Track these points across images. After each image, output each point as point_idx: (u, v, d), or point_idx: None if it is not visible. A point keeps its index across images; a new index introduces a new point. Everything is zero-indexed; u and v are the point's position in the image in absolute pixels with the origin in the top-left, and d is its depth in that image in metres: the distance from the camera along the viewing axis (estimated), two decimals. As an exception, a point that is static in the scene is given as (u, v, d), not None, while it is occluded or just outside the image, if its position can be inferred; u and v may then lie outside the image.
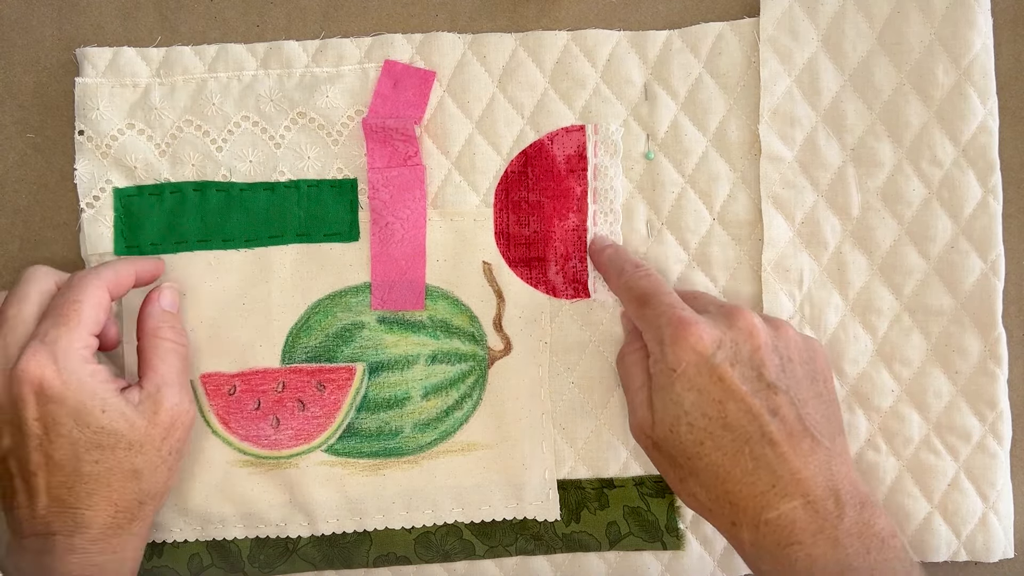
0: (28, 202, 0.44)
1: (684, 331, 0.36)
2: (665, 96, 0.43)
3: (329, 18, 0.44)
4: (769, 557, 0.35)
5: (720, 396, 0.36)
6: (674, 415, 0.36)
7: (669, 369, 0.36)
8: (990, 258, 0.42)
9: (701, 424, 0.36)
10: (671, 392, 0.36)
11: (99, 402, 0.36)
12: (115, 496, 0.37)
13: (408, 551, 0.44)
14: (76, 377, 0.36)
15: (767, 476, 0.35)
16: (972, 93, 0.42)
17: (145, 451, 0.38)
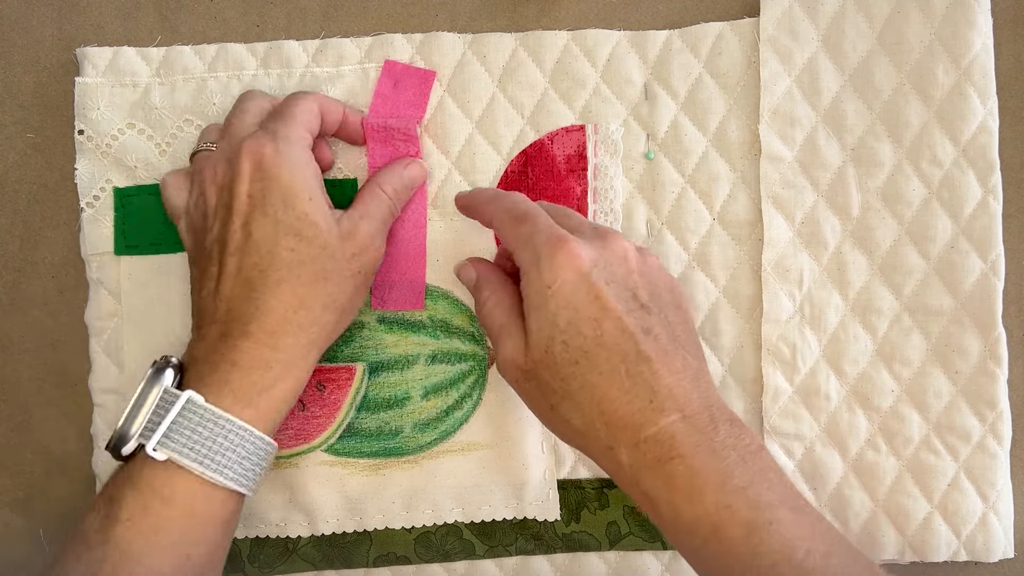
0: (28, 202, 0.44)
1: (561, 248, 0.36)
2: (665, 96, 0.43)
3: (329, 18, 0.44)
4: (650, 475, 0.34)
5: (595, 314, 0.35)
6: (548, 335, 0.35)
7: (544, 287, 0.36)
8: (990, 258, 0.42)
9: (576, 343, 0.35)
10: (545, 311, 0.36)
11: (308, 190, 0.38)
12: (302, 291, 0.37)
13: (408, 551, 0.44)
14: (292, 158, 0.38)
15: (644, 393, 0.35)
16: (972, 93, 0.42)
17: (336, 258, 0.38)
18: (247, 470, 0.36)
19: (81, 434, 0.44)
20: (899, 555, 0.44)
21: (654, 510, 0.35)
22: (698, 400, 0.35)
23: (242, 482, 0.36)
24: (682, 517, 0.34)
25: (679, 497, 0.34)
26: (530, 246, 0.37)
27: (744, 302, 0.43)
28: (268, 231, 0.37)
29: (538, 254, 0.36)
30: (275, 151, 0.37)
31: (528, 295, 0.36)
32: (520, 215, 0.38)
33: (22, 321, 0.44)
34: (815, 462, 0.43)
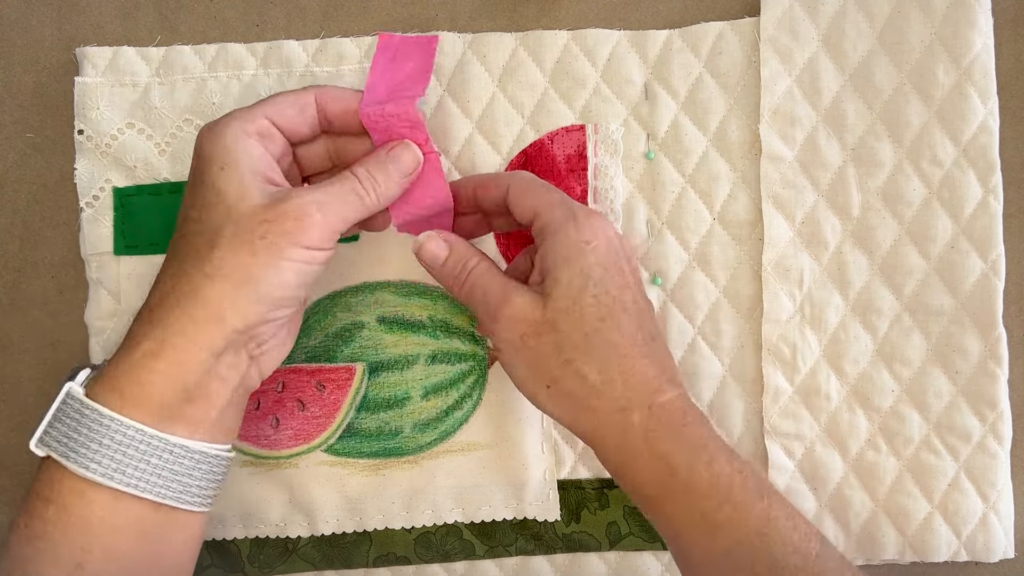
0: (28, 201, 0.44)
1: (595, 214, 0.37)
2: (665, 96, 0.43)
3: (329, 17, 0.44)
4: (666, 436, 0.35)
5: (622, 282, 0.37)
6: (580, 286, 0.36)
7: (582, 240, 0.36)
8: (990, 258, 0.42)
9: (605, 300, 0.36)
10: (581, 262, 0.36)
11: (220, 159, 0.35)
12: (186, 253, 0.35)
13: (408, 551, 0.44)
14: (220, 133, 0.35)
15: (656, 363, 0.36)
16: (973, 93, 0.42)
17: (238, 223, 0.34)
18: (125, 464, 0.33)
19: (81, 434, 0.44)
20: (899, 555, 0.43)
21: (669, 472, 0.35)
22: (683, 385, 0.38)
23: (123, 480, 0.33)
24: (700, 478, 0.35)
25: (698, 459, 0.35)
26: (565, 206, 0.37)
27: (744, 302, 0.43)
28: (184, 204, 0.36)
29: (575, 213, 0.37)
30: (208, 129, 0.36)
31: (559, 249, 0.36)
32: (547, 184, 0.39)
33: (22, 321, 0.44)
34: (815, 462, 0.43)
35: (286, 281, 0.34)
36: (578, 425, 0.37)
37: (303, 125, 0.37)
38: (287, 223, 0.34)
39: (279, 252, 0.34)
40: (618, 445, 0.36)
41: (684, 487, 0.35)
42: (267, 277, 0.34)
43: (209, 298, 0.34)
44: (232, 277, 0.34)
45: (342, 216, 0.36)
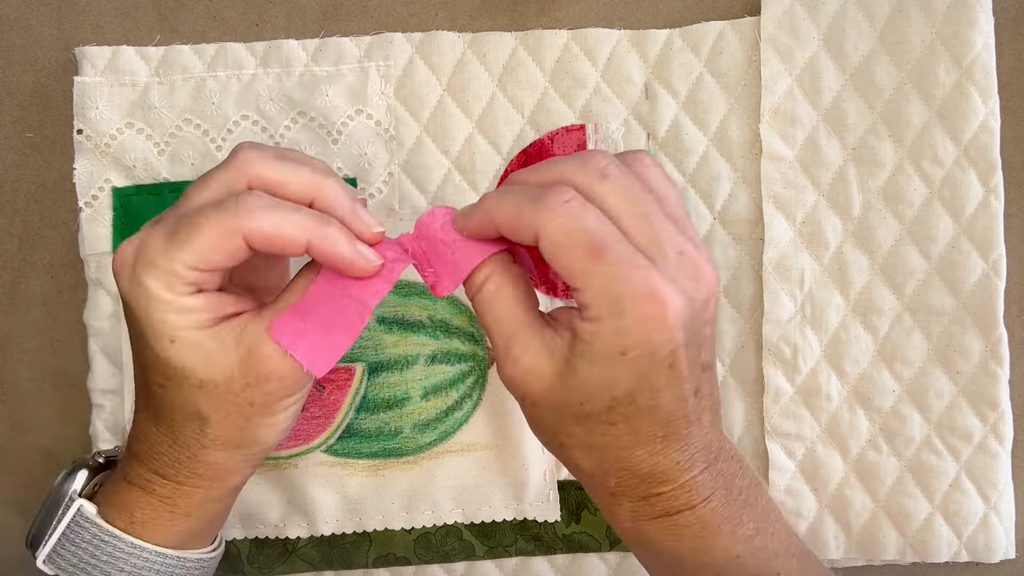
0: (27, 201, 0.44)
1: (659, 308, 0.29)
2: (666, 95, 0.43)
3: (328, 17, 0.44)
4: (654, 526, 0.32)
5: (661, 385, 0.30)
6: (593, 393, 0.30)
7: (617, 351, 0.29)
8: (991, 258, 0.42)
9: (622, 409, 0.30)
10: (606, 374, 0.29)
11: (169, 331, 0.31)
12: (176, 429, 0.33)
13: (408, 552, 0.44)
14: (146, 296, 0.31)
15: (674, 455, 0.31)
16: (973, 92, 0.42)
17: (216, 394, 0.32)
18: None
19: (79, 434, 0.44)
20: (900, 556, 0.43)
21: (654, 558, 0.33)
22: (717, 445, 0.32)
23: None
24: (685, 568, 0.32)
25: (685, 548, 0.32)
26: (611, 291, 0.29)
27: (745, 302, 0.43)
28: (138, 363, 0.33)
29: (622, 308, 0.29)
30: (129, 278, 0.31)
31: (588, 342, 0.30)
32: (593, 245, 0.29)
33: (21, 321, 0.44)
34: (816, 462, 0.43)
35: (282, 428, 0.34)
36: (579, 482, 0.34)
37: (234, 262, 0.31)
38: (270, 384, 0.32)
39: (270, 410, 0.33)
40: (608, 517, 0.33)
41: (671, 572, 0.32)
42: (266, 434, 0.34)
43: (215, 462, 0.34)
44: (230, 443, 0.33)
45: None
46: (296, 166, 0.32)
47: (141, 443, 0.34)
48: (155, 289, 0.31)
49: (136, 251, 0.31)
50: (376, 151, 0.43)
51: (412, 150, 0.43)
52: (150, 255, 0.31)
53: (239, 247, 0.31)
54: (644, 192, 0.30)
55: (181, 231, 0.31)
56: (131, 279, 0.31)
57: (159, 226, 0.31)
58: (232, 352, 0.32)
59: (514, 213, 0.30)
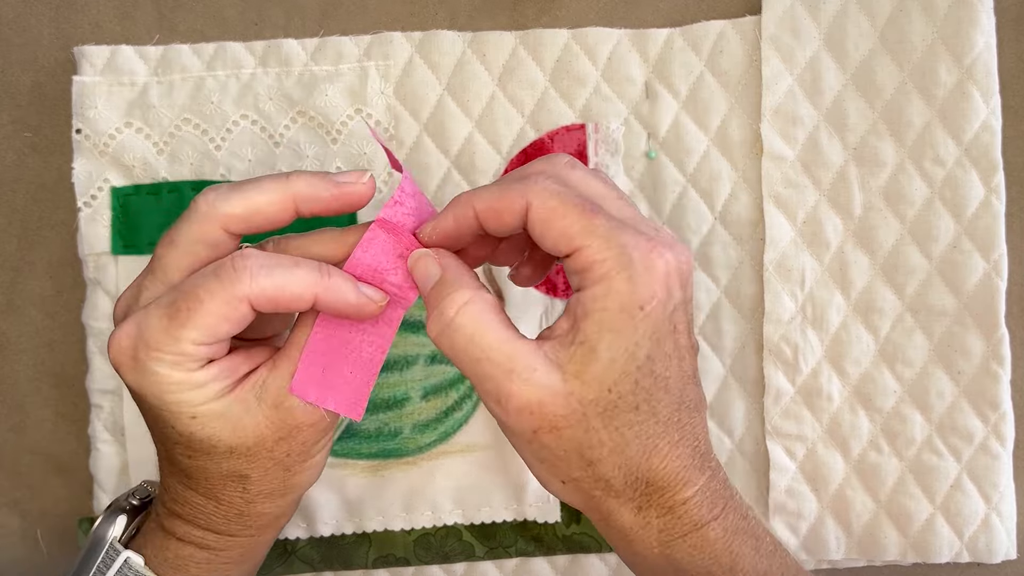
0: (25, 201, 0.44)
1: (658, 252, 0.28)
2: (666, 95, 0.43)
3: (328, 16, 0.43)
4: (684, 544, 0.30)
5: (671, 348, 0.29)
6: (623, 368, 0.28)
7: (636, 305, 0.27)
8: (993, 258, 0.42)
9: (647, 383, 0.28)
10: (632, 337, 0.28)
11: (188, 409, 0.30)
12: (216, 491, 0.32)
13: (407, 552, 0.44)
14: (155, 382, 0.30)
15: (689, 447, 0.30)
16: (975, 92, 0.42)
17: (252, 455, 0.31)
18: None
19: (78, 435, 0.44)
20: (901, 556, 0.43)
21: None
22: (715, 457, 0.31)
23: None
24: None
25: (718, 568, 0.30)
26: (615, 241, 0.28)
27: (746, 302, 0.43)
28: (158, 438, 0.32)
29: (630, 256, 0.28)
30: (132, 367, 0.30)
31: (605, 314, 0.28)
32: (584, 202, 0.29)
33: (19, 321, 0.44)
34: (817, 463, 0.43)
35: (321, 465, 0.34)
36: (590, 512, 0.31)
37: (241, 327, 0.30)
38: (303, 433, 0.31)
39: (307, 454, 0.32)
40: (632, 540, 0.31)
41: None
42: (308, 477, 0.34)
43: (263, 512, 0.33)
44: (275, 493, 0.33)
45: None
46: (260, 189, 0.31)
47: (181, 505, 0.33)
48: (165, 373, 0.30)
49: (135, 338, 0.30)
50: (376, 151, 0.43)
51: (412, 149, 0.43)
52: (152, 339, 0.29)
53: (245, 314, 0.30)
54: (608, 181, 0.31)
55: (181, 309, 0.29)
56: (135, 369, 0.30)
57: (153, 307, 0.30)
58: (257, 412, 0.31)
59: (498, 194, 0.30)
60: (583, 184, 0.30)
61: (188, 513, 0.33)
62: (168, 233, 0.31)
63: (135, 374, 0.30)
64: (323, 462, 0.34)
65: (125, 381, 0.30)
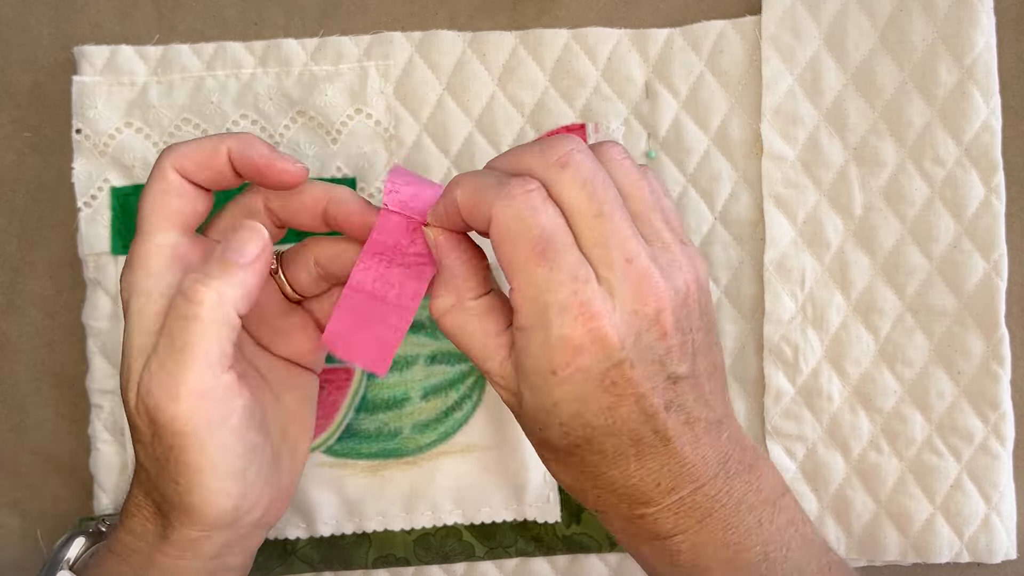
0: (25, 201, 0.44)
1: (586, 325, 0.27)
2: (666, 94, 0.43)
3: (328, 16, 0.43)
4: (646, 547, 0.31)
5: (610, 403, 0.28)
6: (543, 420, 0.29)
7: (548, 370, 0.28)
8: (993, 258, 0.42)
9: (578, 432, 0.29)
10: (546, 396, 0.28)
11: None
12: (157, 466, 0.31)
13: (407, 552, 0.44)
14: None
15: (652, 476, 0.29)
16: (975, 92, 0.42)
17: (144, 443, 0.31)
18: None
19: (78, 435, 0.44)
20: (901, 556, 0.43)
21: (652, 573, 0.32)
22: (715, 462, 0.30)
23: None
24: None
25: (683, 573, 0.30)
26: (541, 301, 0.28)
27: (746, 302, 0.43)
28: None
29: (547, 316, 0.28)
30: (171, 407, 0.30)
31: (524, 361, 0.29)
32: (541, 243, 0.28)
33: (19, 321, 0.44)
34: (817, 463, 0.43)
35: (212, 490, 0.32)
36: None
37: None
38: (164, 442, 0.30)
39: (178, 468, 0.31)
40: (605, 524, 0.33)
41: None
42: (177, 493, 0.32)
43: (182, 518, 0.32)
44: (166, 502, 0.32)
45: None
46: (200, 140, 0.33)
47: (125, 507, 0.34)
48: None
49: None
50: (376, 150, 0.43)
51: (412, 149, 0.43)
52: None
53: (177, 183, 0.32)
54: (604, 187, 0.29)
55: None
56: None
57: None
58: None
59: (474, 195, 0.29)
60: (569, 191, 0.29)
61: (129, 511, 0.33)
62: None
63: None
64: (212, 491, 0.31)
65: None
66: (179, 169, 0.32)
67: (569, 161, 0.29)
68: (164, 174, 0.32)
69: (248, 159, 0.32)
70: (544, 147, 0.30)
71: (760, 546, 0.30)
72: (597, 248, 0.28)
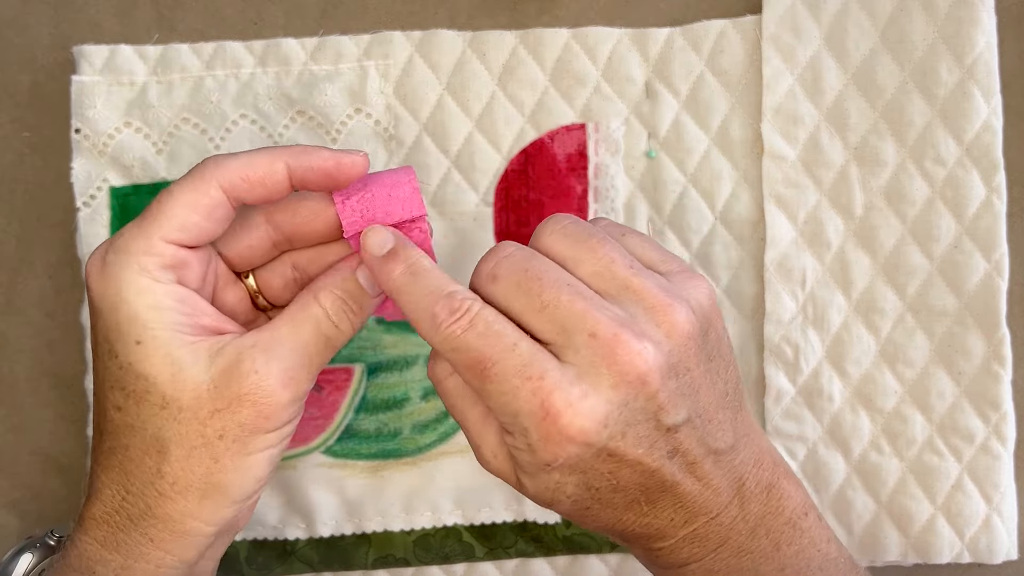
0: (24, 201, 0.44)
1: (555, 426, 0.27)
2: (667, 94, 0.43)
3: (327, 15, 0.43)
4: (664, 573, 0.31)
5: (611, 468, 0.28)
6: (551, 497, 0.29)
7: (541, 463, 0.28)
8: (994, 258, 0.42)
9: (585, 497, 0.29)
10: (547, 480, 0.28)
11: (135, 329, 0.28)
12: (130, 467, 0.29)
13: (407, 553, 0.44)
14: (118, 282, 0.28)
15: (665, 515, 0.30)
16: (976, 91, 0.42)
17: (181, 420, 0.28)
18: None
19: (77, 435, 0.44)
20: (902, 557, 0.43)
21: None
22: (727, 490, 0.30)
23: None
24: None
25: None
26: (509, 412, 0.28)
27: (746, 302, 0.43)
28: (98, 382, 0.30)
29: (521, 422, 0.27)
30: (99, 271, 0.29)
31: (519, 459, 0.29)
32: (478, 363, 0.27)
33: (18, 321, 0.44)
34: (818, 463, 0.43)
35: (258, 474, 0.30)
36: None
37: (216, 226, 0.30)
38: (243, 410, 0.28)
39: (243, 447, 0.29)
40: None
41: None
42: (235, 481, 0.29)
43: (169, 516, 0.29)
44: (192, 490, 0.29)
45: (310, 373, 0.30)
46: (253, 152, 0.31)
47: (89, 505, 0.30)
48: (130, 277, 0.28)
49: (107, 245, 0.29)
50: (375, 150, 0.43)
51: (412, 149, 0.43)
52: (122, 242, 0.29)
53: (216, 200, 0.29)
54: (539, 278, 0.28)
55: (152, 209, 0.29)
56: (102, 274, 0.29)
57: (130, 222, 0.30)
58: (204, 368, 0.29)
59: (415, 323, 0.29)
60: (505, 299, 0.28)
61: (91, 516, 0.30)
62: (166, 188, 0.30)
63: (100, 280, 0.29)
64: (259, 475, 0.30)
65: (89, 295, 0.29)
66: (228, 188, 0.30)
67: (497, 272, 0.29)
68: (207, 189, 0.29)
69: (312, 167, 0.30)
70: (480, 266, 0.30)
71: (776, 572, 0.30)
72: (557, 337, 0.28)
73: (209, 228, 0.30)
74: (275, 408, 0.29)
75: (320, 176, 0.30)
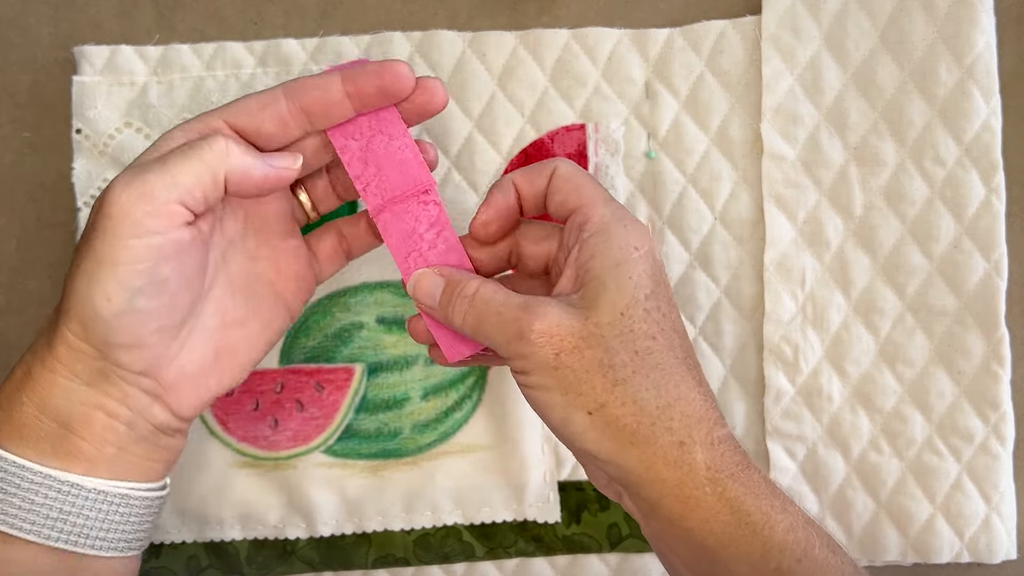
0: (25, 201, 0.44)
1: (641, 223, 0.33)
2: (666, 94, 0.43)
3: (327, 16, 0.43)
4: (735, 482, 0.30)
5: (671, 299, 0.33)
6: (632, 295, 0.31)
7: (631, 246, 0.32)
8: (993, 258, 0.42)
9: (657, 317, 0.31)
10: (632, 269, 0.31)
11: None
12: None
13: (407, 553, 0.44)
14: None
15: (709, 394, 0.32)
16: (975, 92, 0.42)
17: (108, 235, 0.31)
18: (4, 503, 0.30)
19: (78, 435, 0.44)
20: (901, 557, 0.43)
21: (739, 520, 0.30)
22: None
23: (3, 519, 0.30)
24: (775, 529, 0.30)
25: (771, 507, 0.31)
26: (613, 204, 0.33)
27: (746, 302, 0.43)
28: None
29: (623, 215, 0.33)
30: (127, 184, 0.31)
31: (608, 250, 0.32)
32: (594, 179, 0.35)
33: (18, 321, 0.44)
34: (817, 463, 0.43)
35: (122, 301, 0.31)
36: (623, 460, 0.31)
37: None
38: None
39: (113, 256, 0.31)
40: (677, 484, 0.30)
41: (757, 537, 0.30)
42: (92, 296, 0.31)
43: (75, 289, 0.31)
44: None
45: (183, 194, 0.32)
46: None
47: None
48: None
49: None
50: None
51: (412, 149, 0.43)
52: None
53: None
54: None
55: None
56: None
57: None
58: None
59: (528, 168, 0.35)
60: None
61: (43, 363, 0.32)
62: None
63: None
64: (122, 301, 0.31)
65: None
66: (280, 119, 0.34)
67: None
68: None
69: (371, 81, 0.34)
70: None
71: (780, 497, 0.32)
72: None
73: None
74: (121, 213, 0.31)
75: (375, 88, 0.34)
